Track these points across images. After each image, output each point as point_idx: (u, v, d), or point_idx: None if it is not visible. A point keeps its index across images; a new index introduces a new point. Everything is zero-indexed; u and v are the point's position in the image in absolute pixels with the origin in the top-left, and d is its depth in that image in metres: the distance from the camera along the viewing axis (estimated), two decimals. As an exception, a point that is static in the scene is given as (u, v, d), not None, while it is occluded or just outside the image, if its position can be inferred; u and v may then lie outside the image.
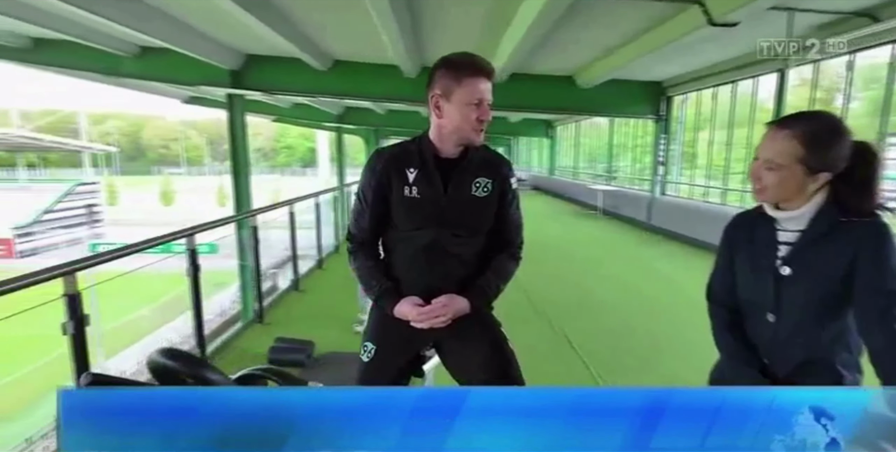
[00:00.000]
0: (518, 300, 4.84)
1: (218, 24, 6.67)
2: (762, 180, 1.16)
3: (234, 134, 8.72)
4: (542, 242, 8.27)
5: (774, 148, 1.14)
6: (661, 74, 8.95)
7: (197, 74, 8.16)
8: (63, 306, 1.86)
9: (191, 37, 7.07)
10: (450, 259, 1.42)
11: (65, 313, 1.86)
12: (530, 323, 4.17)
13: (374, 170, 1.43)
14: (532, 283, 5.45)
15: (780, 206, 1.19)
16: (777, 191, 1.15)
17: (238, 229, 5.74)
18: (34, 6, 5.86)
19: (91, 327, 1.93)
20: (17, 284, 1.71)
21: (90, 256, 2.00)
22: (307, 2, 5.80)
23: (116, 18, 5.96)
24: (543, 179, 20.49)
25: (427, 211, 1.40)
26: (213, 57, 7.69)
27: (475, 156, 1.44)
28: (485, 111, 1.38)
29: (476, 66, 1.37)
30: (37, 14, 6.22)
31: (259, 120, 18.07)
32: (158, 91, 12.41)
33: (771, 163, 1.14)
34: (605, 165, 14.76)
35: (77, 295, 1.89)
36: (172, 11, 6.43)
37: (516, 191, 1.51)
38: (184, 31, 6.90)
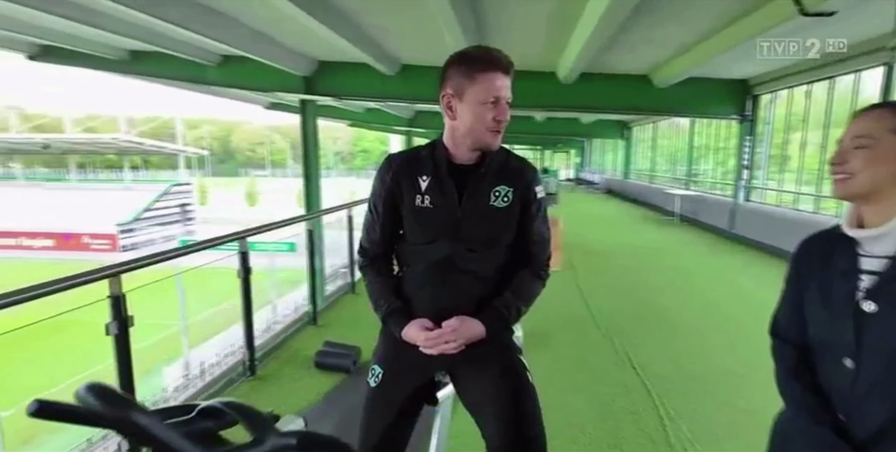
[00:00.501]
0: (577, 311, 4.60)
1: (290, 32, 6.91)
2: (848, 164, 0.94)
3: (305, 138, 9.03)
4: (609, 249, 7.90)
5: (866, 123, 0.93)
6: (746, 71, 8.30)
7: (273, 81, 8.51)
8: (108, 307, 1.91)
9: (266, 45, 7.38)
10: (465, 276, 1.28)
11: (109, 314, 1.91)
12: (587, 336, 3.91)
13: (385, 178, 1.32)
14: (594, 293, 5.17)
15: (864, 223, 0.97)
16: (867, 176, 0.92)
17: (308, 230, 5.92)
18: (132, 22, 6.32)
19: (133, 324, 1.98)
20: (64, 284, 1.78)
21: (134, 259, 2.06)
22: (371, 7, 5.87)
23: (201, 31, 6.35)
24: (617, 182, 19.72)
25: (440, 222, 1.27)
26: (287, 64, 7.99)
27: (494, 161, 1.30)
28: (502, 110, 1.24)
29: (491, 59, 1.22)
30: (134, 29, 6.72)
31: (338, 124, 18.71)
32: (241, 97, 13.14)
33: (861, 140, 0.93)
34: (685, 168, 13.93)
35: (121, 296, 1.94)
36: (250, 22, 6.74)
37: (542, 202, 1.35)
38: (260, 40, 7.22)
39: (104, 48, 8.30)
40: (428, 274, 1.30)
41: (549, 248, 1.40)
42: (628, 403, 2.82)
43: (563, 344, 3.75)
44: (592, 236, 9.12)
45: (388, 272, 1.38)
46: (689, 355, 3.57)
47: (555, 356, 3.51)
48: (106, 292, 1.93)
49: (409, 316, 1.29)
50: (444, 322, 1.25)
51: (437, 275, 1.29)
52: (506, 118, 1.26)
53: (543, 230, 1.36)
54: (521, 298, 1.32)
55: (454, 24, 5.35)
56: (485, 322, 1.26)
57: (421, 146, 1.36)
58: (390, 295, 1.33)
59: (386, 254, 1.38)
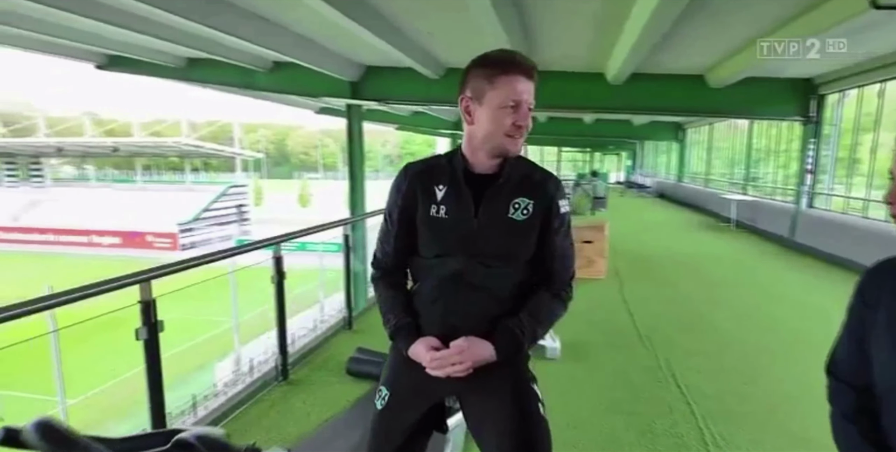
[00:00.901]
0: (620, 322, 4.39)
1: (337, 38, 7.03)
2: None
3: (351, 141, 9.17)
4: (659, 257, 7.58)
5: None
6: (810, 70, 7.79)
7: (320, 86, 8.68)
8: (139, 313, 1.95)
9: (314, 52, 7.54)
10: (477, 293, 1.20)
11: (139, 319, 1.95)
12: (630, 350, 3.71)
13: (400, 187, 1.26)
14: (640, 304, 4.93)
15: None
16: None
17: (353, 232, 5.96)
18: (188, 32, 6.60)
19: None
20: (96, 290, 1.83)
21: (164, 265, 2.10)
22: (416, 11, 5.88)
23: (252, 38, 6.57)
24: (670, 186, 19.02)
25: (454, 234, 1.20)
26: (334, 69, 8.13)
27: (515, 171, 1.23)
28: (523, 115, 1.17)
29: (513, 62, 1.16)
30: (190, 38, 7.02)
31: (386, 128, 18.95)
32: (293, 103, 13.51)
33: None
34: (743, 172, 13.26)
35: (151, 302, 1.97)
36: (298, 29, 6.91)
37: (566, 217, 1.26)
38: (308, 46, 7.38)
39: (164, 56, 8.71)
40: (438, 290, 1.23)
41: (573, 266, 1.30)
42: (670, 425, 2.64)
43: (603, 356, 3.58)
44: (641, 243, 8.79)
45: (399, 286, 1.31)
46: (741, 375, 3.33)
47: (592, 369, 3.35)
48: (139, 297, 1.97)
49: (418, 334, 1.22)
50: (452, 342, 1.17)
51: (447, 291, 1.21)
52: (527, 123, 1.18)
53: (566, 246, 1.27)
54: (538, 320, 1.22)
55: (497, 25, 5.27)
56: (495, 344, 1.17)
57: (438, 155, 1.30)
58: (400, 311, 1.26)
59: (399, 267, 1.31)
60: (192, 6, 5.56)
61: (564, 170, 30.61)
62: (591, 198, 13.84)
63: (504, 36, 5.64)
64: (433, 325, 1.22)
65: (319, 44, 7.46)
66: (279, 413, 2.63)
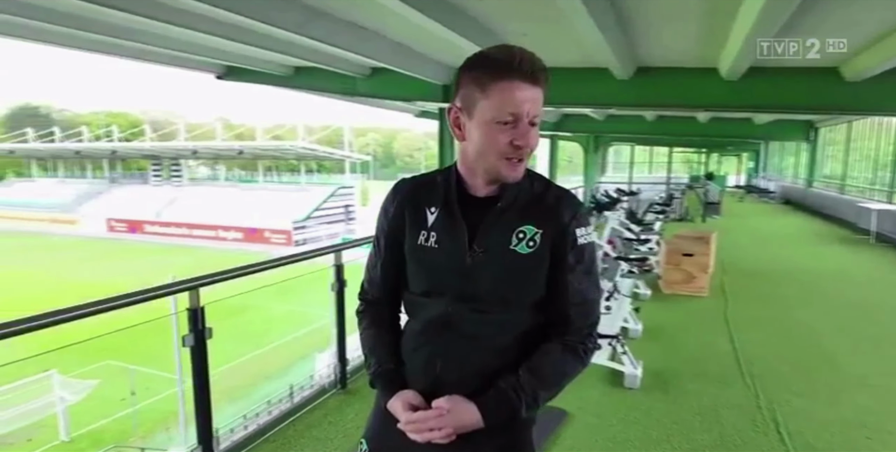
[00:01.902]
0: (718, 349, 3.87)
1: (429, 42, 7.05)
2: None
3: (442, 144, 9.19)
4: (776, 273, 6.69)
5: None
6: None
7: (414, 90, 8.79)
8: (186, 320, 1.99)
9: (407, 57, 7.65)
10: (470, 343, 1.00)
11: (187, 326, 1.99)
12: (725, 384, 3.25)
13: (388, 208, 1.09)
14: (746, 329, 4.32)
15: None
16: None
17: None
18: (294, 43, 6.99)
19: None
20: (145, 296, 1.89)
21: (212, 273, 2.13)
22: (506, 12, 5.71)
23: (348, 46, 6.82)
24: (798, 191, 17.01)
25: (443, 269, 1.01)
26: (426, 73, 8.19)
27: (522, 192, 1.01)
28: (523, 132, 0.94)
29: (510, 63, 0.92)
30: (296, 48, 7.43)
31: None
32: (394, 107, 13.90)
33: None
34: (889, 177, 11.47)
35: (199, 309, 2.01)
36: (392, 35, 7.03)
37: (586, 250, 1.02)
38: (401, 52, 7.50)
39: (273, 66, 9.30)
40: (424, 336, 1.04)
41: (596, 313, 1.06)
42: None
43: (691, 389, 3.16)
44: (756, 256, 7.86)
45: (384, 322, 1.13)
46: (864, 429, 2.75)
47: (675, 403, 2.97)
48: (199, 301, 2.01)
49: (402, 384, 1.04)
50: (434, 401, 0.98)
51: (433, 339, 1.02)
52: (529, 143, 0.95)
53: (586, 288, 1.03)
54: (541, 379, 0.98)
55: (587, 19, 4.93)
56: (482, 408, 0.96)
57: (438, 170, 1.10)
58: (382, 352, 1.08)
59: (387, 301, 1.13)
60: (294, 19, 5.87)
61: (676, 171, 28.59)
62: (702, 204, 12.74)
63: (597, 31, 5.29)
64: (417, 377, 1.04)
65: (412, 49, 7.54)
66: (331, 423, 2.61)
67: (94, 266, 23.44)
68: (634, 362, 3.24)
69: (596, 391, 3.06)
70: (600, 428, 2.66)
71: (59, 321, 1.64)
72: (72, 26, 6.20)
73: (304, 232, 30.79)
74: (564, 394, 1.24)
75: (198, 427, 2.07)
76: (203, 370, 2.04)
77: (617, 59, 6.69)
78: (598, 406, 2.87)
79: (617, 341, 3.26)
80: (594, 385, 3.14)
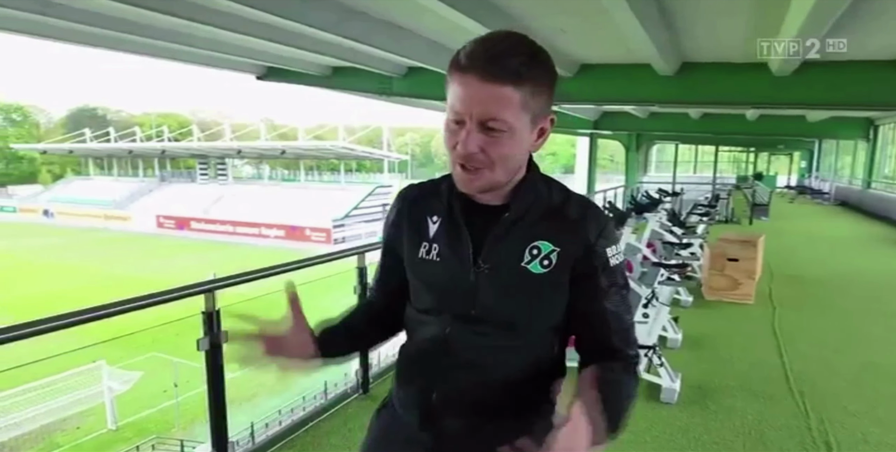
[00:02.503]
0: (765, 362, 3.60)
1: (464, 40, 6.93)
2: None
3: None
4: (830, 281, 6.27)
5: None
6: None
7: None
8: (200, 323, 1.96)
9: (441, 55, 7.56)
10: (470, 373, 0.89)
11: (201, 329, 1.96)
12: (772, 401, 3.01)
13: (390, 216, 1.00)
14: (796, 341, 4.02)
15: None
16: None
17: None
18: (332, 43, 7.04)
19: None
20: (160, 298, 1.87)
21: (228, 276, 2.10)
22: (542, 7, 5.57)
23: (387, 46, 6.84)
24: (854, 193, 16.08)
25: (444, 285, 0.90)
26: (462, 72, 8.10)
27: (537, 201, 0.89)
28: (464, 137, 0.80)
29: (468, 54, 0.80)
30: (334, 49, 7.49)
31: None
32: (431, 107, 13.85)
33: None
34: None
35: (215, 313, 1.98)
36: (427, 34, 6.99)
37: (618, 271, 0.89)
38: (436, 50, 7.44)
39: (311, 66, 9.41)
40: (418, 361, 0.94)
41: (635, 338, 0.94)
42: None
43: (733, 405, 2.95)
44: (807, 261, 7.41)
45: (370, 313, 1.03)
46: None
47: (715, 420, 2.77)
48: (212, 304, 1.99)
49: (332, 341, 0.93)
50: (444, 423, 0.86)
51: (427, 364, 0.92)
52: (468, 149, 0.80)
53: (623, 313, 0.91)
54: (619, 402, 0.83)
55: (628, 13, 4.73)
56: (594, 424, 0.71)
57: (444, 176, 0.98)
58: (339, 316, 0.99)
59: (386, 308, 1.02)
60: (330, 18, 5.91)
61: (722, 171, 27.54)
62: (749, 205, 12.17)
63: (639, 26, 5.08)
64: (410, 407, 0.94)
65: (448, 47, 7.47)
66: (351, 430, 2.55)
67: (141, 261, 24.43)
68: (672, 374, 3.06)
69: (629, 404, 2.90)
70: (632, 446, 2.50)
71: (73, 323, 1.64)
72: (124, 31, 6.45)
73: (343, 230, 31.24)
74: None
75: (212, 432, 2.04)
76: (218, 374, 2.01)
77: (660, 54, 6.42)
78: (631, 422, 2.66)
79: (653, 352, 3.09)
80: (628, 397, 2.97)
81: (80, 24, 6.06)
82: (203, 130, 39.99)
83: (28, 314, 1.84)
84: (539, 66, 0.83)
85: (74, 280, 20.36)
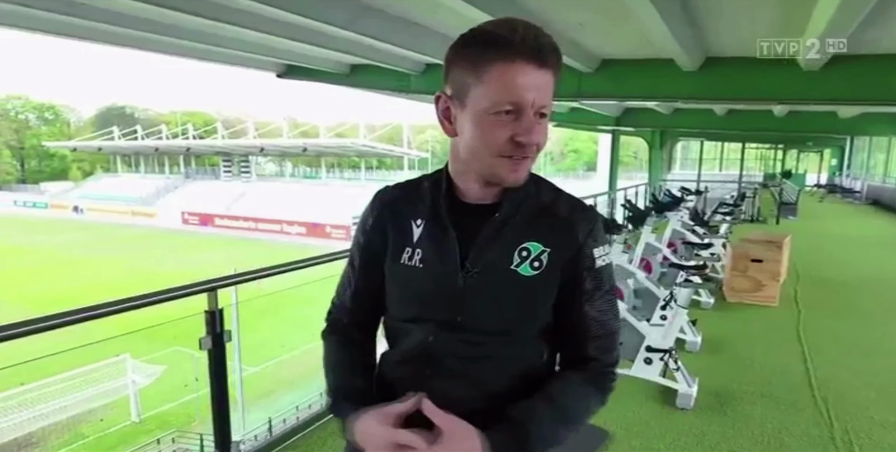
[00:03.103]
0: (788, 368, 3.47)
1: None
2: None
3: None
4: (860, 284, 6.03)
5: None
6: None
7: (466, 86, 8.65)
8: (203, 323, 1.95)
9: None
10: (458, 382, 0.83)
11: (204, 329, 1.95)
12: (794, 408, 2.89)
13: (367, 219, 0.95)
14: (823, 346, 3.86)
15: None
16: None
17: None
18: (350, 40, 7.05)
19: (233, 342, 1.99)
20: (162, 297, 1.86)
21: (229, 275, 2.09)
22: (560, 1, 5.47)
23: (404, 43, 6.83)
24: (888, 191, 15.59)
25: (429, 292, 0.85)
26: (479, 68, 8.04)
27: (526, 201, 0.85)
28: (527, 126, 0.77)
29: (512, 39, 0.75)
30: (353, 46, 7.50)
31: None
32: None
33: None
34: None
35: (217, 312, 1.97)
36: (443, 30, 6.93)
37: (605, 273, 0.85)
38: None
39: (330, 64, 9.45)
40: (401, 371, 0.89)
41: (617, 347, 0.88)
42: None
43: (752, 412, 2.84)
44: (837, 263, 7.15)
45: (355, 344, 0.96)
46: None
47: (733, 427, 2.66)
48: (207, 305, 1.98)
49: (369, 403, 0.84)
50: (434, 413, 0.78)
51: (411, 375, 0.87)
52: (533, 140, 0.78)
53: (607, 318, 0.86)
54: (564, 413, 0.81)
55: (649, 7, 4.61)
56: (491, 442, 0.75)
57: (426, 175, 0.94)
58: (349, 371, 0.92)
59: (358, 325, 0.97)
60: (345, 16, 5.91)
61: (749, 168, 26.91)
62: (776, 204, 11.85)
63: (660, 20, 4.94)
64: None
65: (465, 44, 7.42)
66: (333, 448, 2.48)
67: (167, 257, 24.92)
68: (689, 379, 2.96)
69: (643, 409, 2.81)
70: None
71: (78, 320, 1.64)
72: (148, 30, 6.57)
73: (362, 227, 31.39)
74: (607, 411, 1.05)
75: (215, 433, 2.03)
76: (221, 374, 2.00)
77: (682, 49, 6.26)
78: (645, 427, 2.63)
79: (669, 356, 2.99)
80: (641, 402, 2.89)
81: (103, 23, 6.16)
82: (227, 128, 40.57)
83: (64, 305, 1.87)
84: (560, 54, 0.80)
85: (106, 274, 20.94)
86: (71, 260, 24.39)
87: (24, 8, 5.45)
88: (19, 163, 53.46)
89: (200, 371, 8.06)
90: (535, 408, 0.80)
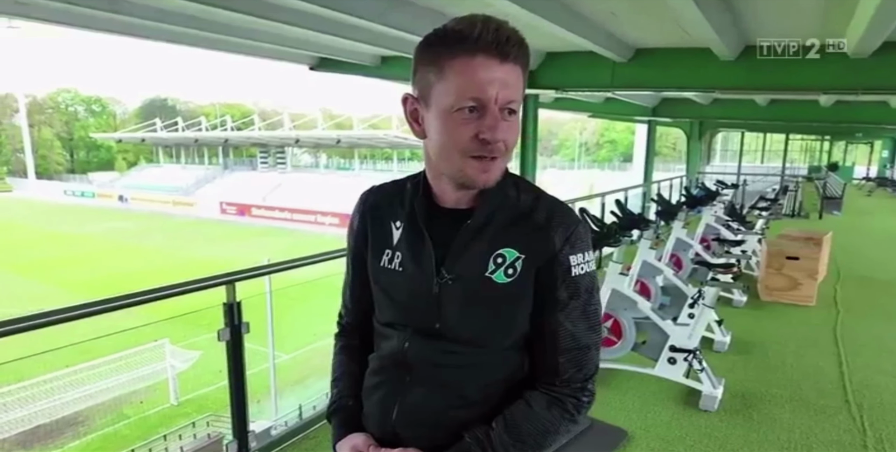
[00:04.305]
0: (822, 372, 3.35)
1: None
2: None
3: (524, 132, 8.90)
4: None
5: None
6: None
7: (497, 78, 8.56)
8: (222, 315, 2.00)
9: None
10: (432, 390, 0.83)
11: (222, 320, 2.00)
12: (826, 415, 2.78)
13: (353, 221, 0.95)
14: (861, 350, 3.69)
15: None
16: None
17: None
18: (381, 33, 7.06)
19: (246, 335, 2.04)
20: (182, 289, 1.92)
21: (249, 269, 2.13)
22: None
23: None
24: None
25: (407, 297, 0.85)
26: (509, 60, 7.96)
27: (503, 204, 0.83)
28: (492, 123, 0.75)
29: (470, 34, 0.74)
30: (382, 39, 7.52)
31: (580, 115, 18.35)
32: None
33: None
34: None
35: (235, 304, 2.02)
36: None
37: (582, 283, 0.82)
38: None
39: (361, 56, 9.49)
40: (379, 376, 0.90)
41: (593, 361, 0.86)
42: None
43: (781, 416, 2.75)
44: (882, 262, 6.82)
45: (354, 351, 0.99)
46: None
47: (761, 433, 2.59)
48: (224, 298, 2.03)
49: (357, 425, 0.90)
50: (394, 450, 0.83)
51: (389, 381, 0.87)
52: (498, 137, 0.76)
53: (580, 331, 0.83)
54: (518, 438, 0.80)
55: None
56: None
57: (410, 176, 0.94)
58: (344, 385, 0.95)
59: (358, 328, 0.99)
60: (376, 8, 5.93)
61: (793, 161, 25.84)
62: (820, 198, 11.37)
63: (695, 7, 4.76)
64: (372, 423, 0.90)
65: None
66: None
67: (203, 245, 25.72)
68: (715, 380, 2.89)
69: (665, 410, 2.76)
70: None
71: (92, 313, 1.70)
72: (192, 27, 6.75)
73: (391, 217, 31.67)
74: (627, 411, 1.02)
75: (233, 421, 2.09)
76: (239, 365, 2.06)
77: (720, 37, 6.03)
78: (665, 429, 2.59)
79: (693, 356, 2.92)
80: (664, 403, 2.83)
81: (147, 20, 6.34)
82: (263, 119, 41.34)
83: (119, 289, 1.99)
84: (528, 48, 0.79)
85: (153, 261, 21.88)
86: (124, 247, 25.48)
87: (72, 6, 5.66)
88: (69, 154, 55.84)
89: (235, 357, 8.25)
90: (490, 432, 0.80)
